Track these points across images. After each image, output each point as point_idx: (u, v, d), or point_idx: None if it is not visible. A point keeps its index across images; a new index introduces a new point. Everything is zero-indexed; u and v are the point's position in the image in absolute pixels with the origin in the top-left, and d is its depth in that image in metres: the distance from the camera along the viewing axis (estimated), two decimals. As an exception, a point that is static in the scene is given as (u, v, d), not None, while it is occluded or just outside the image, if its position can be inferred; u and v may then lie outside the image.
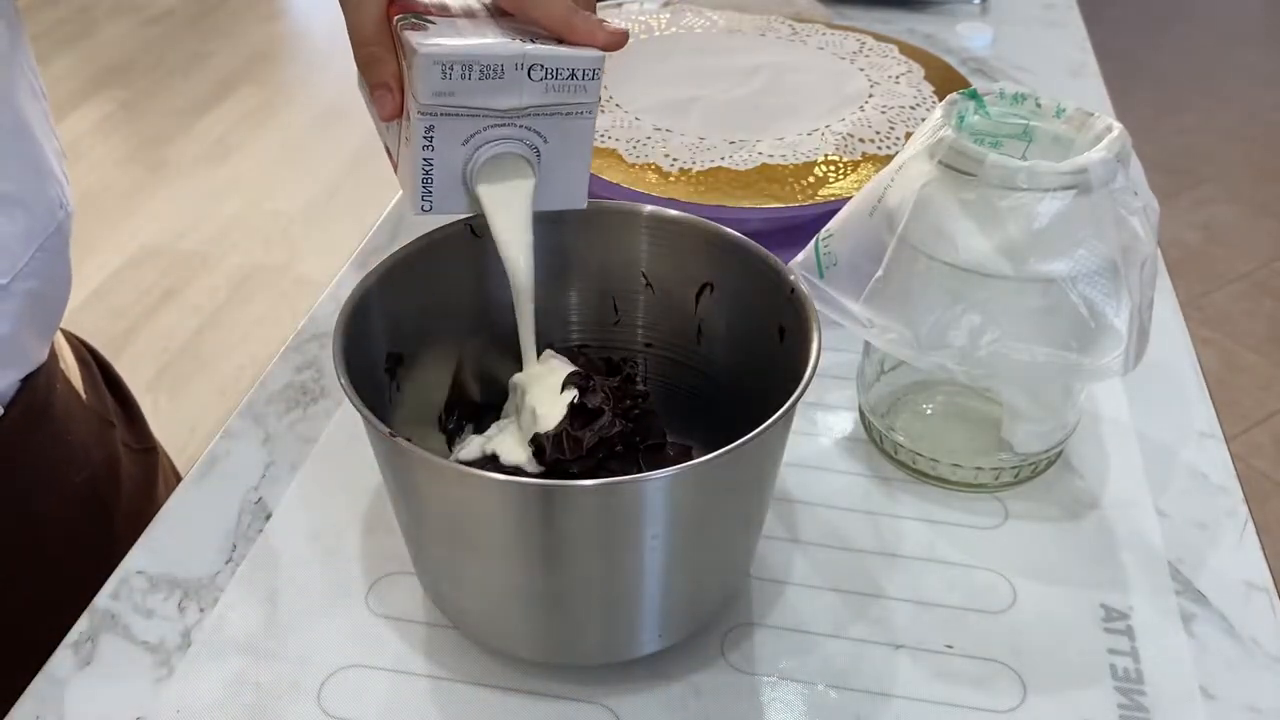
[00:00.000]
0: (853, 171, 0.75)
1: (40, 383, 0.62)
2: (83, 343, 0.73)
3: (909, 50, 0.94)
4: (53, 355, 0.64)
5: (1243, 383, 2.03)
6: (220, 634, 0.52)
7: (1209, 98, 3.08)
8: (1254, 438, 1.90)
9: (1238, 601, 0.54)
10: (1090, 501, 0.60)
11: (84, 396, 0.69)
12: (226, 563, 0.56)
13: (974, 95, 0.57)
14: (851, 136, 0.78)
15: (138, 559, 0.56)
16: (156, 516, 0.58)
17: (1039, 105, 0.57)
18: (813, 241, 0.59)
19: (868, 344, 0.62)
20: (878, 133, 0.79)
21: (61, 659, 0.51)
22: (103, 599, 0.54)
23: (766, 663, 0.51)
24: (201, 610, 0.53)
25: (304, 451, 0.62)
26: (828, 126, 0.80)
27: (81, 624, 0.53)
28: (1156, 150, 2.53)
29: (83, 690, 0.50)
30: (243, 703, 0.49)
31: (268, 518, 0.58)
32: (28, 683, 0.50)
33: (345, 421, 0.64)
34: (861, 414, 0.64)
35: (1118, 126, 0.54)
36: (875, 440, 0.63)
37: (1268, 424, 1.94)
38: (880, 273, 0.55)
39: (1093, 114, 0.55)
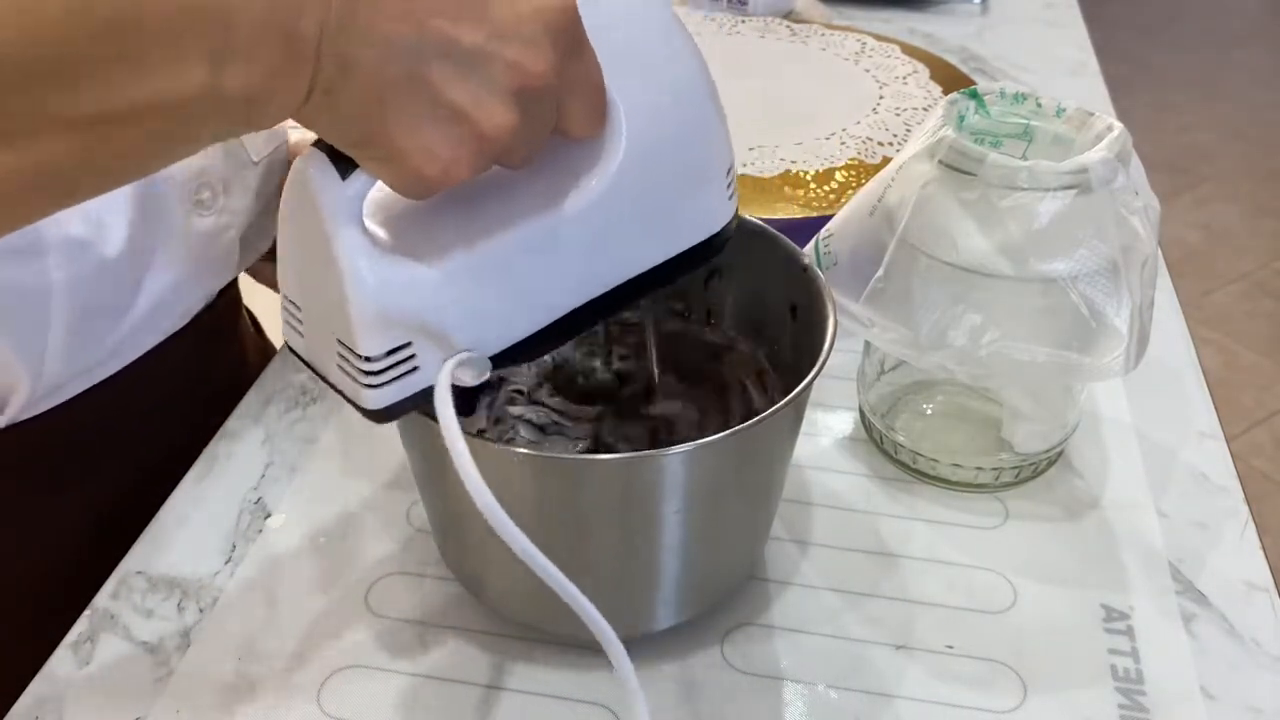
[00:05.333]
0: (875, 175, 0.75)
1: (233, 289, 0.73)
2: None
3: (911, 50, 0.94)
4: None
5: (1243, 383, 2.03)
6: (220, 634, 0.52)
7: (1209, 98, 3.08)
8: (1254, 438, 1.90)
9: (1238, 601, 0.54)
10: (1090, 501, 0.60)
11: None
12: (226, 563, 0.56)
13: (974, 95, 0.57)
14: (870, 140, 0.78)
15: (137, 559, 0.56)
16: (156, 516, 0.58)
17: (1039, 105, 0.57)
18: (813, 241, 0.59)
19: (868, 344, 0.62)
20: (895, 135, 0.79)
21: (61, 659, 0.51)
22: (102, 599, 0.54)
23: (766, 663, 0.51)
24: (201, 610, 0.53)
25: (304, 451, 0.62)
26: (844, 130, 0.80)
27: (81, 624, 0.53)
28: (1156, 150, 2.53)
29: (83, 690, 0.50)
30: (243, 703, 0.49)
31: (267, 518, 0.58)
32: (28, 683, 0.50)
33: (345, 422, 0.64)
34: (861, 414, 0.64)
35: (1118, 126, 0.54)
36: (875, 440, 0.63)
37: (1268, 424, 1.94)
38: (880, 273, 0.55)
39: (1093, 113, 0.55)
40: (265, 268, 0.78)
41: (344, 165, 0.37)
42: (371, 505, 0.59)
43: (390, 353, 0.40)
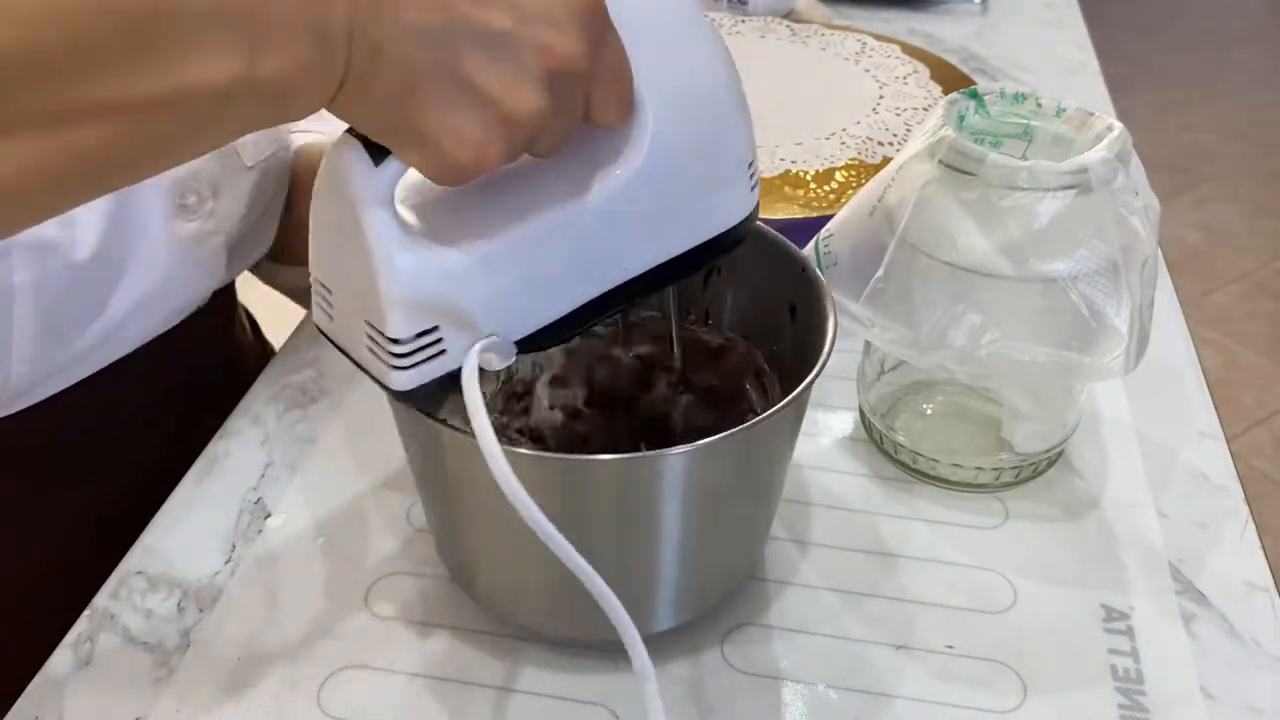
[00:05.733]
0: (875, 175, 0.75)
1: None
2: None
3: (911, 50, 0.94)
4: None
5: (1243, 383, 2.03)
6: (220, 634, 0.52)
7: (1209, 98, 3.08)
8: (1254, 438, 1.90)
9: (1238, 601, 0.54)
10: (1090, 501, 0.60)
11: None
12: (226, 563, 0.56)
13: (974, 95, 0.57)
14: (870, 140, 0.78)
15: (137, 559, 0.56)
16: (156, 516, 0.58)
17: (1039, 105, 0.57)
18: (813, 241, 0.59)
19: (868, 343, 0.62)
20: (895, 135, 0.79)
21: (61, 659, 0.51)
22: (102, 599, 0.54)
23: (766, 663, 0.51)
24: (201, 610, 0.53)
25: (304, 451, 0.62)
26: (844, 130, 0.80)
27: (81, 624, 0.53)
28: (1156, 150, 2.53)
29: (82, 690, 0.50)
30: (243, 703, 0.49)
31: (267, 518, 0.58)
32: (28, 683, 0.50)
33: (345, 421, 0.64)
34: (861, 414, 0.64)
35: (1118, 126, 0.54)
36: (875, 440, 0.63)
37: (1268, 424, 1.94)
38: (880, 273, 0.55)
39: (1093, 113, 0.55)
40: (272, 268, 0.77)
41: (377, 152, 0.38)
42: (371, 505, 0.59)
43: (419, 335, 0.40)
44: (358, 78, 0.34)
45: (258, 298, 0.83)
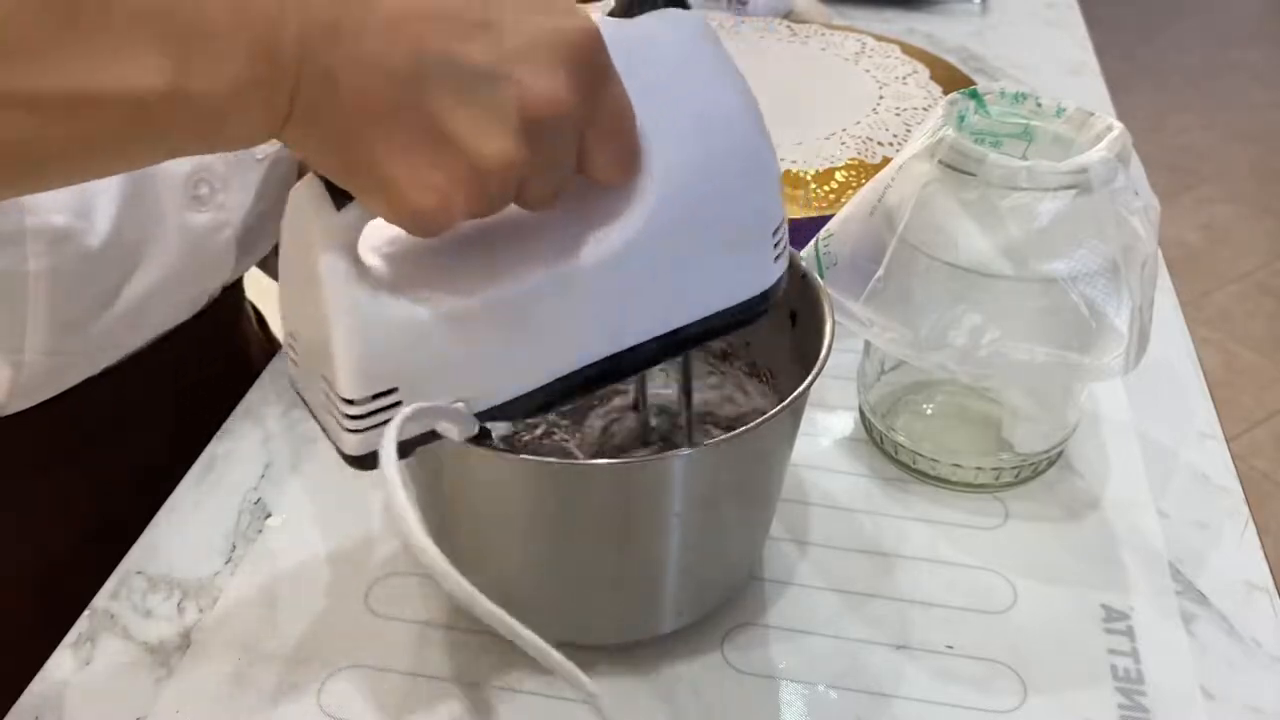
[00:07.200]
0: (875, 175, 0.75)
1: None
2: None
3: (911, 50, 0.94)
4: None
5: (1243, 383, 2.03)
6: (220, 634, 0.52)
7: (1209, 98, 3.08)
8: (1254, 438, 1.90)
9: (1238, 601, 0.54)
10: (1091, 501, 0.60)
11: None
12: (226, 563, 0.56)
13: (974, 95, 0.57)
14: (870, 140, 0.78)
15: (137, 559, 0.56)
16: (156, 516, 0.58)
17: (1039, 105, 0.57)
18: (813, 241, 0.59)
19: (868, 344, 0.62)
20: (894, 135, 0.79)
21: (61, 659, 0.51)
22: (102, 599, 0.54)
23: (766, 663, 0.51)
24: (201, 610, 0.53)
25: (304, 451, 0.62)
26: (844, 130, 0.80)
27: (81, 624, 0.53)
28: (1156, 150, 2.53)
29: (83, 690, 0.50)
30: (243, 703, 0.49)
31: (267, 518, 0.58)
32: (28, 683, 0.50)
33: (345, 421, 0.64)
34: (862, 414, 0.64)
35: (1118, 126, 0.54)
36: (875, 440, 0.63)
37: (1268, 424, 1.94)
38: (880, 273, 0.55)
39: (1093, 113, 0.55)
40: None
41: (340, 194, 0.35)
42: (371, 505, 0.59)
43: (375, 397, 0.37)
44: (307, 108, 0.31)
45: (262, 292, 0.83)
